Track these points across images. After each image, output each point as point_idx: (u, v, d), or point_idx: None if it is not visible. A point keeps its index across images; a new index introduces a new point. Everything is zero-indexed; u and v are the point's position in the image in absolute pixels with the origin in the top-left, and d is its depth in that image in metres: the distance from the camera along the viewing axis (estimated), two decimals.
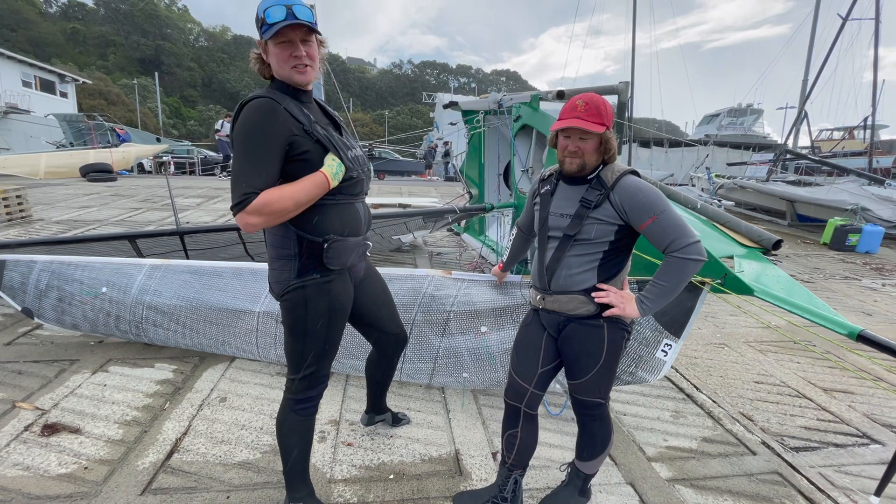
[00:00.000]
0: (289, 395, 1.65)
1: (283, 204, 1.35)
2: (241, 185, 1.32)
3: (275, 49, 1.40)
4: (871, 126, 13.60)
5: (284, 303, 1.56)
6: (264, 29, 1.37)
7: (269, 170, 1.35)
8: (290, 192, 1.37)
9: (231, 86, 77.30)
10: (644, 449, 2.32)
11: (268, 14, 1.35)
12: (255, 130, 1.34)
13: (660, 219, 1.49)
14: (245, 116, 1.36)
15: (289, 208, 1.38)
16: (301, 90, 1.48)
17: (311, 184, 1.41)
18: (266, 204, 1.32)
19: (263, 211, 1.33)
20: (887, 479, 1.57)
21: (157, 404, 2.47)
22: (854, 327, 1.63)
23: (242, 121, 1.36)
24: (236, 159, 1.35)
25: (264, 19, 1.36)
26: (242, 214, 1.32)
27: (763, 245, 2.54)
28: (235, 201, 1.33)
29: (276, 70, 1.44)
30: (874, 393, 3.01)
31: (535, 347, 1.75)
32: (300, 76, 1.43)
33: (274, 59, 1.41)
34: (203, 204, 8.49)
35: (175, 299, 2.75)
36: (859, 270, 6.58)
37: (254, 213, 1.32)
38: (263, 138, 1.34)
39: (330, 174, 1.44)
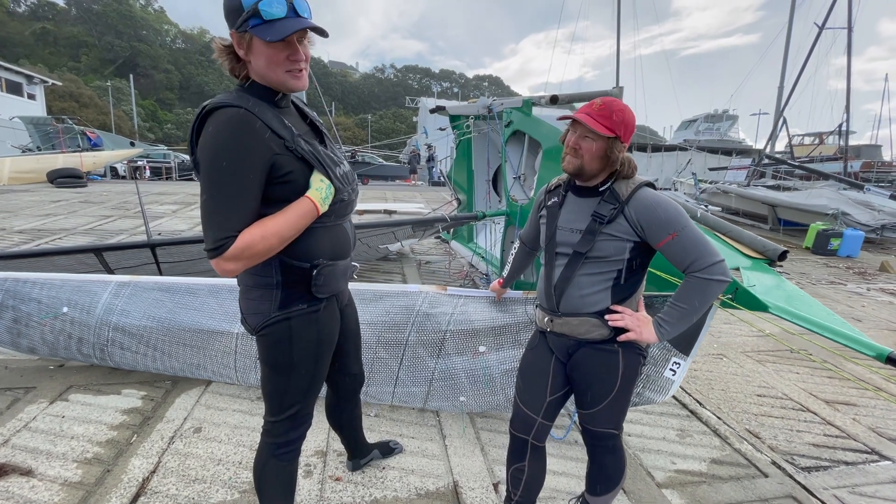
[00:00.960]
0: (268, 438, 1.45)
1: (266, 244, 1.15)
2: (215, 226, 1.11)
3: (266, 49, 1.13)
4: (846, 132, 14.02)
5: (264, 338, 1.35)
6: (255, 23, 1.10)
7: (248, 204, 1.14)
8: (274, 229, 1.16)
9: (210, 89, 75.79)
10: (653, 474, 2.19)
11: (263, 7, 1.08)
12: (230, 155, 1.10)
13: (680, 236, 1.36)
14: (215, 135, 1.11)
15: (273, 247, 1.18)
16: (276, 93, 1.23)
17: (297, 215, 1.20)
18: (246, 247, 1.12)
19: (244, 255, 1.13)
20: None
21: (122, 438, 2.23)
22: (883, 349, 1.52)
23: (212, 141, 1.10)
24: (207, 191, 1.12)
25: (256, 11, 1.09)
26: (219, 261, 1.12)
27: (768, 256, 2.45)
28: (210, 246, 1.11)
29: (261, 72, 1.18)
30: (876, 404, 2.96)
31: (543, 374, 1.60)
32: (296, 82, 1.20)
33: (262, 59, 1.15)
34: (179, 211, 8.13)
35: (145, 320, 2.51)
36: (843, 275, 6.66)
37: (232, 260, 1.12)
38: (240, 165, 1.11)
39: (319, 200, 1.24)
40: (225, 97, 1.18)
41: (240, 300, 1.38)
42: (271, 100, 1.23)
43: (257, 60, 1.17)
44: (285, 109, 1.29)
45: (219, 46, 1.20)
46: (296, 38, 1.16)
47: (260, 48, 1.15)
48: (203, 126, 1.15)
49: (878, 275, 6.73)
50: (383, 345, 2.29)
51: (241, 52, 1.18)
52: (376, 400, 2.49)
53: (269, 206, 1.21)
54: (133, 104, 42.80)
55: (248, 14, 1.10)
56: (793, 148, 17.17)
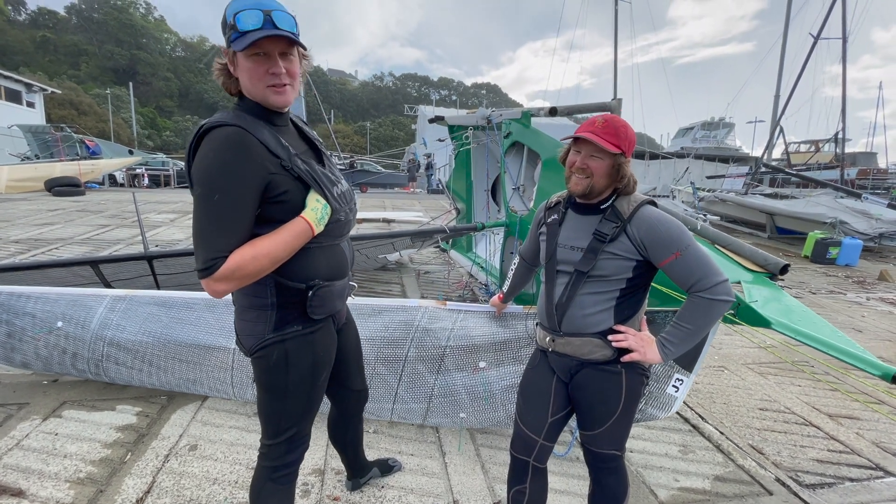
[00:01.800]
0: (265, 462, 1.42)
1: (257, 265, 1.14)
2: (206, 246, 1.09)
3: (247, 63, 1.14)
4: (843, 140, 14.11)
5: (259, 360, 1.33)
6: (234, 36, 1.11)
7: (240, 225, 1.12)
8: (266, 250, 1.15)
9: (209, 96, 76.15)
10: (656, 492, 2.16)
11: (239, 19, 1.09)
12: (224, 174, 1.09)
13: (684, 255, 1.35)
14: (209, 154, 1.10)
15: (265, 268, 1.16)
16: (271, 111, 1.23)
17: (290, 235, 1.18)
18: (237, 268, 1.11)
19: (234, 276, 1.11)
20: None
21: (116, 456, 2.19)
22: (889, 368, 1.50)
23: (206, 160, 1.10)
24: (200, 210, 1.10)
25: (234, 25, 1.10)
26: (209, 281, 1.10)
27: (769, 270, 2.44)
28: (200, 266, 1.10)
29: (246, 88, 1.19)
30: (878, 418, 2.93)
31: (545, 394, 1.57)
32: (277, 97, 1.19)
33: (245, 74, 1.16)
34: (177, 220, 8.11)
35: (140, 335, 2.48)
36: (842, 284, 6.65)
37: (222, 280, 1.10)
38: (234, 185, 1.09)
39: (314, 220, 1.22)
40: (222, 116, 1.17)
41: (235, 321, 1.37)
42: (267, 118, 1.23)
43: (241, 75, 1.17)
44: (283, 128, 1.28)
45: (218, 65, 1.21)
46: (277, 53, 1.15)
47: (242, 63, 1.15)
48: (198, 147, 1.14)
49: (878, 283, 6.72)
50: (382, 360, 2.26)
51: (232, 69, 1.19)
52: (375, 416, 2.46)
53: (264, 225, 1.19)
54: (132, 112, 42.91)
55: (230, 27, 1.11)
56: (789, 156, 17.31)
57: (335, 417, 1.82)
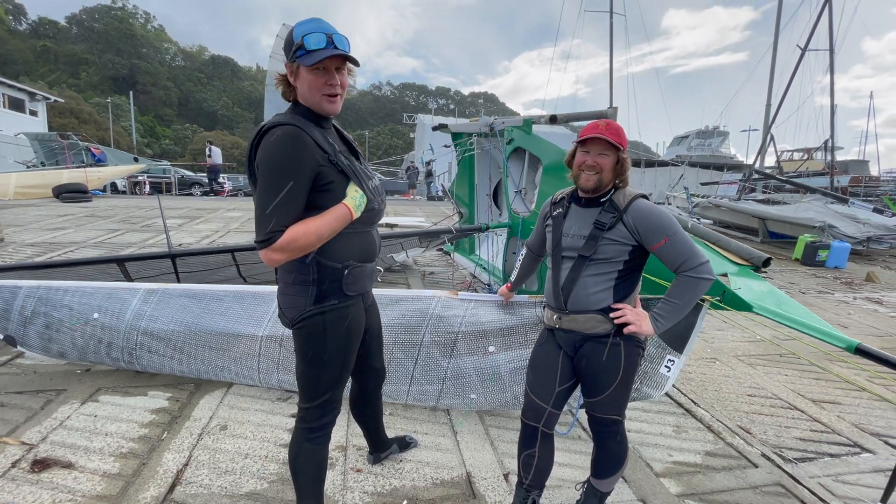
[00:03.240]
0: (303, 424, 1.62)
1: (307, 240, 1.35)
2: (268, 220, 1.31)
3: (309, 76, 1.36)
4: (832, 148, 14.49)
5: (300, 330, 1.53)
6: (300, 54, 1.33)
7: (296, 205, 1.34)
8: (315, 228, 1.36)
9: (208, 105, 76.58)
10: (651, 465, 2.35)
11: (307, 40, 1.31)
12: (285, 162, 1.31)
13: (672, 240, 1.56)
14: (273, 146, 1.32)
15: (313, 244, 1.38)
16: (323, 116, 1.46)
17: (334, 218, 1.40)
18: (292, 240, 1.32)
19: (289, 248, 1.33)
20: (892, 488, 1.64)
21: (153, 434, 2.37)
22: (851, 341, 1.71)
23: (270, 150, 1.32)
24: (263, 191, 1.32)
25: (302, 44, 1.32)
26: (267, 251, 1.32)
27: (753, 262, 2.65)
28: (262, 238, 1.32)
29: (304, 95, 1.41)
30: (859, 403, 3.14)
31: (552, 366, 1.77)
32: (330, 105, 1.42)
33: (305, 84, 1.38)
34: (185, 225, 8.30)
35: (173, 324, 2.67)
36: (831, 285, 6.89)
37: (279, 251, 1.32)
38: (293, 171, 1.32)
39: (353, 206, 1.43)
40: (279, 118, 1.39)
41: (278, 296, 1.57)
42: (316, 121, 1.46)
43: (301, 85, 1.40)
44: (328, 130, 1.52)
45: (278, 77, 1.44)
46: (334, 68, 1.38)
47: (304, 75, 1.38)
48: (261, 141, 1.35)
49: (864, 284, 6.97)
50: (399, 346, 2.46)
51: (292, 79, 1.41)
52: (391, 399, 2.65)
53: (310, 210, 1.41)
54: (132, 120, 43.16)
55: (296, 46, 1.34)
56: (781, 163, 17.70)
57: (356, 394, 2.00)
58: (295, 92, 1.43)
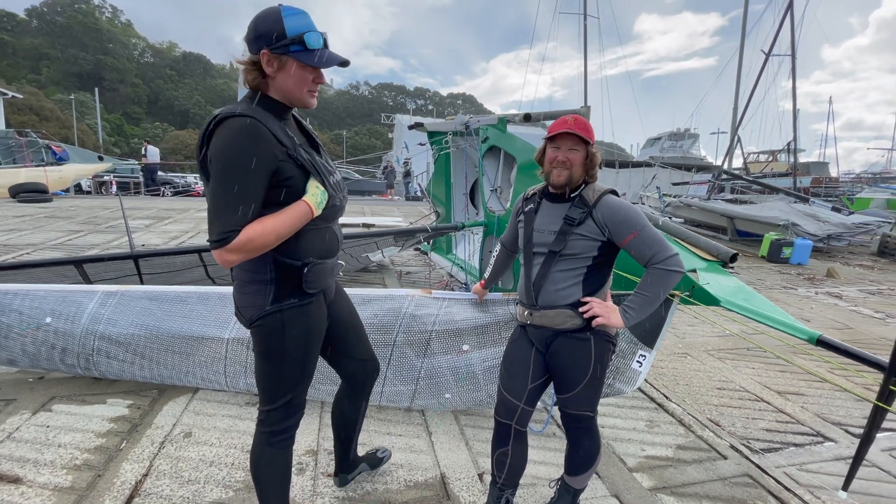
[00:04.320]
0: (263, 428, 1.55)
1: (265, 240, 1.28)
2: (221, 220, 1.24)
3: (300, 71, 1.33)
4: (795, 150, 15.10)
5: (258, 329, 1.46)
6: (296, 49, 1.29)
7: (252, 203, 1.27)
8: (274, 226, 1.29)
9: (180, 103, 74.39)
10: (625, 460, 2.37)
11: (308, 38, 1.29)
12: (241, 158, 1.23)
13: (641, 234, 1.57)
14: (229, 139, 1.24)
15: (271, 243, 1.31)
16: (285, 107, 1.39)
17: (294, 215, 1.34)
18: (248, 241, 1.25)
19: (245, 248, 1.26)
20: (852, 475, 1.69)
21: (111, 444, 2.25)
22: (813, 333, 1.76)
23: (226, 144, 1.24)
24: (217, 188, 1.25)
25: (301, 40, 1.29)
26: (221, 252, 1.25)
27: (721, 258, 2.71)
28: (215, 238, 1.24)
29: (284, 88, 1.34)
30: (821, 393, 3.25)
31: (524, 363, 1.76)
32: (312, 100, 1.41)
33: (293, 79, 1.33)
34: (153, 226, 8.00)
35: (133, 328, 2.54)
36: (794, 280, 7.16)
37: (234, 251, 1.25)
38: (249, 167, 1.24)
39: (314, 203, 1.37)
40: (234, 108, 1.30)
41: (235, 295, 1.50)
42: (276, 112, 1.38)
43: (286, 79, 1.33)
44: (288, 122, 1.45)
45: (248, 62, 1.33)
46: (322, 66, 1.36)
47: (294, 69, 1.32)
48: (214, 132, 1.26)
49: (825, 280, 7.27)
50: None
51: (270, 70, 1.32)
52: None
53: (269, 207, 1.34)
54: (98, 118, 41.50)
55: (291, 41, 1.28)
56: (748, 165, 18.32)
57: (342, 392, 1.89)
58: (266, 81, 1.35)
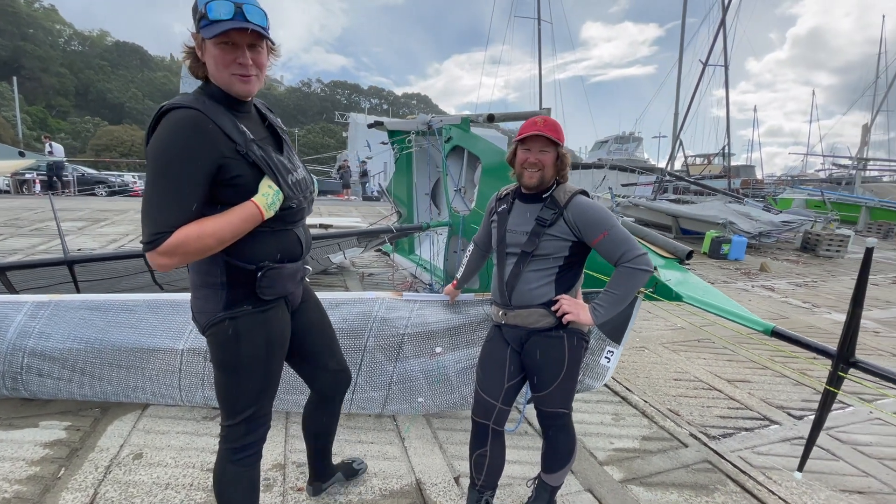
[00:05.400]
0: (226, 444, 1.43)
1: (202, 243, 1.17)
2: (152, 221, 1.14)
3: (214, 50, 1.19)
4: (728, 154, 16.31)
5: (211, 337, 1.36)
6: (203, 24, 1.16)
7: (186, 202, 1.15)
8: (212, 229, 1.18)
9: (113, 97, 69.06)
10: (595, 454, 2.42)
11: (210, 8, 1.14)
12: (176, 153, 1.13)
13: (611, 234, 1.60)
14: (164, 133, 1.14)
15: (210, 246, 1.20)
16: (235, 98, 1.28)
17: (238, 218, 1.22)
18: (181, 244, 1.14)
19: (177, 251, 1.15)
20: (806, 456, 1.82)
21: (47, 473, 2.02)
22: (768, 324, 1.88)
23: (160, 138, 1.14)
24: (149, 186, 1.15)
25: (204, 13, 1.15)
26: (153, 255, 1.15)
27: (678, 256, 2.84)
28: (146, 240, 1.14)
29: (212, 73, 1.23)
30: (764, 380, 3.50)
31: (500, 363, 1.75)
32: (242, 86, 1.24)
33: (212, 60, 1.20)
34: (87, 228, 7.34)
35: (70, 342, 2.30)
36: (733, 275, 7.70)
37: (166, 254, 1.14)
38: (184, 163, 1.14)
39: (264, 205, 1.25)
40: (181, 99, 1.20)
41: (191, 299, 1.39)
42: (228, 104, 1.27)
43: (208, 61, 1.22)
44: (244, 115, 1.32)
45: (186, 49, 1.24)
46: (245, 44, 1.20)
47: (210, 49, 1.19)
48: (157, 127, 1.17)
49: (759, 274, 7.87)
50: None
51: (200, 54, 1.23)
52: None
53: (214, 207, 1.23)
54: (17, 110, 37.66)
55: (200, 15, 1.16)
56: (689, 167, 19.61)
57: (313, 402, 1.80)
58: (204, 68, 1.25)
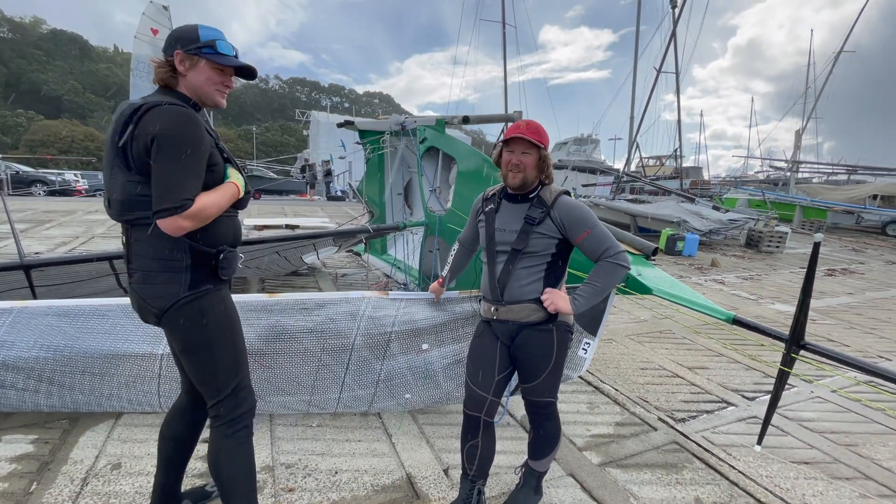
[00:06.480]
0: (218, 423, 1.52)
1: (212, 210, 1.38)
2: (179, 189, 1.31)
3: (210, 71, 1.46)
4: (680, 156, 17.27)
5: (173, 319, 1.44)
6: (208, 51, 1.43)
7: (200, 179, 1.38)
8: (216, 199, 1.40)
9: (49, 88, 64.08)
10: (574, 441, 2.56)
11: (219, 45, 1.45)
12: (192, 138, 1.35)
13: (593, 232, 1.71)
14: (180, 122, 1.34)
15: (214, 214, 1.40)
16: (196, 105, 1.49)
17: (228, 192, 1.45)
18: (202, 209, 1.34)
19: (199, 216, 1.34)
20: (764, 431, 2.01)
21: (18, 488, 1.92)
22: (729, 313, 2.06)
23: (179, 126, 1.33)
24: (172, 165, 1.31)
25: (213, 45, 1.44)
26: (177, 218, 1.30)
27: (645, 252, 3.04)
28: (175, 204, 1.29)
29: (195, 85, 1.45)
30: (720, 366, 3.79)
31: (491, 357, 1.83)
32: (221, 99, 1.52)
33: (202, 75, 1.45)
34: (30, 231, 6.82)
35: (36, 350, 2.18)
36: (688, 270, 8.20)
37: (189, 218, 1.32)
38: (197, 146, 1.35)
39: (241, 185, 1.50)
40: (162, 99, 1.36)
41: (137, 288, 1.45)
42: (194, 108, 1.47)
43: (197, 77, 1.45)
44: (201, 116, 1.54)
45: (161, 61, 1.46)
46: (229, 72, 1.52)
47: (204, 69, 1.45)
48: (141, 119, 1.31)
49: (711, 269, 8.43)
50: (329, 351, 2.32)
51: (182, 67, 1.44)
52: (320, 409, 2.49)
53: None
54: None
55: (204, 45, 1.44)
56: (644, 168, 20.64)
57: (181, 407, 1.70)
58: (177, 79, 1.46)
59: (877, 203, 16.28)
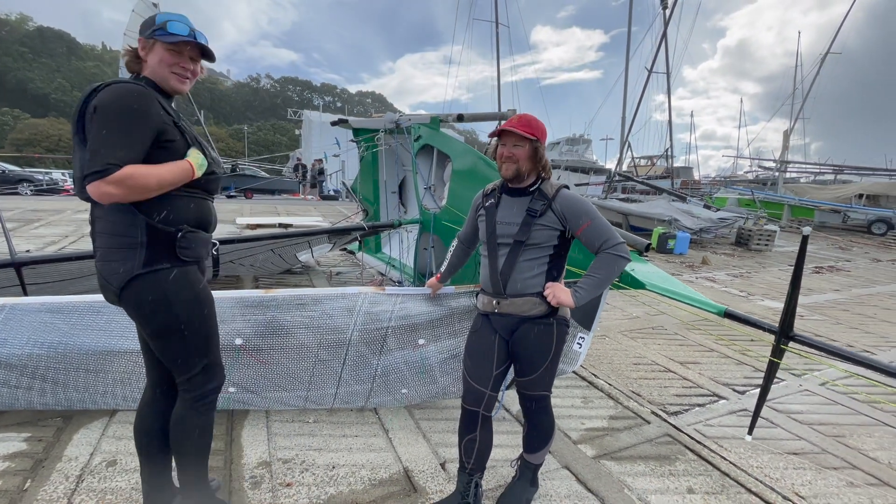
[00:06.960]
0: (187, 395, 1.56)
1: (146, 180, 1.32)
2: (104, 154, 1.27)
3: (164, 52, 1.44)
4: (671, 156, 17.47)
5: (130, 297, 1.43)
6: (160, 34, 1.42)
7: (136, 147, 1.32)
8: (156, 171, 1.34)
9: (36, 86, 63.08)
10: (569, 434, 2.59)
11: (170, 25, 1.43)
12: (131, 109, 1.32)
13: (594, 223, 1.74)
14: (119, 94, 1.33)
15: (151, 186, 1.34)
16: (167, 94, 1.49)
17: (177, 168, 1.40)
18: (129, 176, 1.28)
19: (125, 183, 1.27)
20: (754, 422, 2.06)
21: (12, 486, 1.90)
22: (721, 307, 2.10)
23: (116, 97, 1.32)
24: (103, 130, 1.29)
25: (164, 26, 1.43)
26: (100, 183, 1.25)
27: (637, 248, 3.08)
28: (95, 169, 1.25)
29: (153, 69, 1.45)
30: (711, 360, 3.85)
31: (489, 351, 1.85)
32: (178, 84, 1.49)
33: (157, 57, 1.44)
34: (19, 230, 6.73)
35: (30, 347, 2.16)
36: (679, 268, 8.30)
37: (114, 184, 1.26)
38: (138, 117, 1.33)
39: (196, 163, 1.45)
40: (125, 79, 1.42)
41: (98, 266, 1.45)
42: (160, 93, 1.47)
43: (152, 58, 1.45)
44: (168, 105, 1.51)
45: (128, 49, 1.49)
46: (188, 56, 1.48)
47: (158, 50, 1.45)
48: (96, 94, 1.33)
49: (701, 266, 8.54)
50: (325, 347, 2.33)
51: (143, 53, 1.46)
52: (316, 405, 2.50)
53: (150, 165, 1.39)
54: None
55: (157, 27, 1.44)
56: (636, 168, 20.83)
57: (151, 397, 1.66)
58: (142, 65, 1.47)
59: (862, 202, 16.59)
